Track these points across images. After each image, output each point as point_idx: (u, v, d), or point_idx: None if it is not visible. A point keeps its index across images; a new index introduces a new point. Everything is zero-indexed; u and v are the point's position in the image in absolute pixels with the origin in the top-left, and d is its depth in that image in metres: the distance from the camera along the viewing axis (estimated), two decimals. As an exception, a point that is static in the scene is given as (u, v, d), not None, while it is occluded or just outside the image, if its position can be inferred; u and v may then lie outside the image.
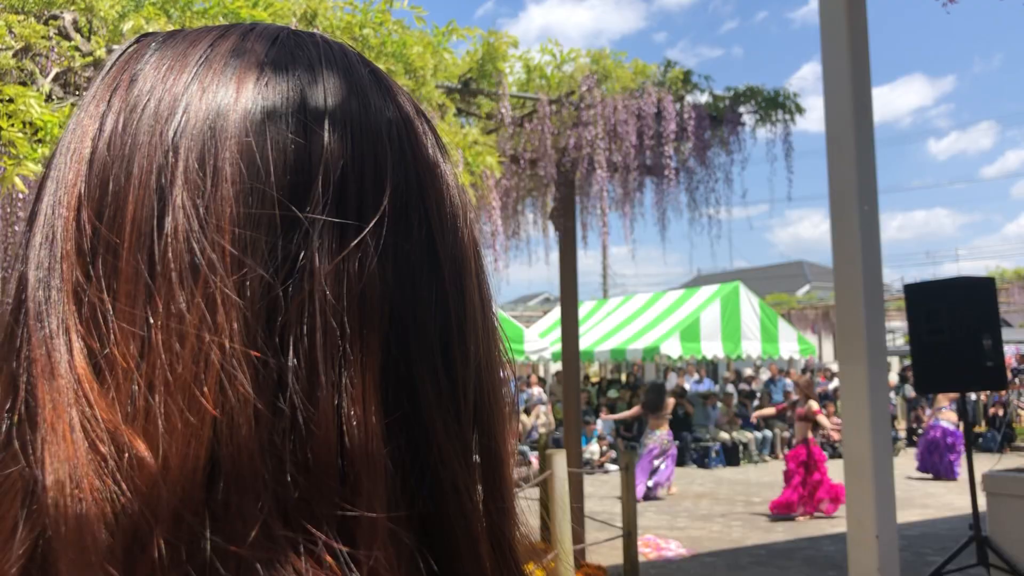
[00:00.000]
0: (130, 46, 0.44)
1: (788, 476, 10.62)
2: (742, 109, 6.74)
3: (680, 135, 6.45)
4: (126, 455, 0.35)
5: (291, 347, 0.37)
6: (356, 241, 0.39)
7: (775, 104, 6.64)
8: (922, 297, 6.97)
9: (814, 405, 10.77)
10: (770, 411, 14.95)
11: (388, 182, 0.41)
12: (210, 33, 0.44)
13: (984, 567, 6.43)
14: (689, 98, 6.55)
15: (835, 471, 13.46)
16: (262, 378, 0.36)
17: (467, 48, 5.95)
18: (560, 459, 5.42)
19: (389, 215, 0.40)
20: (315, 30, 4.69)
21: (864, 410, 5.81)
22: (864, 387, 5.80)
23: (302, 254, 0.38)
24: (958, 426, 12.84)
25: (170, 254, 0.37)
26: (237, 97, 0.40)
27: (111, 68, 0.44)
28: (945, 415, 13.52)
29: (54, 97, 4.02)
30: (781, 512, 10.43)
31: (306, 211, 0.38)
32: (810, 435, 10.67)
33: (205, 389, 0.35)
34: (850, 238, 5.87)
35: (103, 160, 0.39)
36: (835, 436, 14.83)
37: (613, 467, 14.75)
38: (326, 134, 0.40)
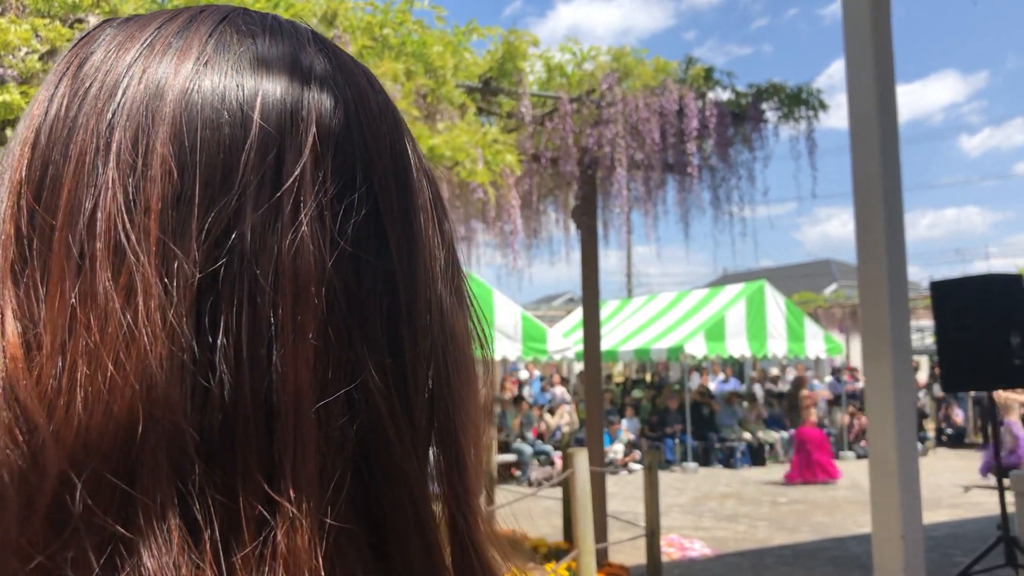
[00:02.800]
0: (89, 32, 0.45)
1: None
2: (765, 106, 6.69)
3: (702, 132, 6.42)
4: (27, 424, 0.35)
5: (220, 328, 0.37)
6: (288, 220, 0.38)
7: (798, 101, 6.59)
8: (949, 294, 6.89)
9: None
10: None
11: (328, 160, 0.40)
12: (162, 15, 0.44)
13: (1012, 568, 6.34)
14: (711, 95, 6.51)
15: (861, 471, 13.33)
16: (187, 359, 0.36)
17: (488, 47, 5.97)
18: (582, 458, 5.41)
19: (328, 193, 0.40)
20: (335, 30, 4.72)
21: (889, 408, 5.75)
22: (889, 385, 5.74)
23: (233, 234, 0.38)
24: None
25: (97, 235, 0.37)
26: (175, 76, 0.40)
27: (67, 53, 0.44)
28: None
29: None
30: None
31: (237, 191, 0.38)
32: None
33: (126, 370, 0.35)
34: (874, 234, 5.82)
35: (44, 143, 0.40)
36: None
37: (637, 467, 14.71)
38: (263, 112, 0.40)
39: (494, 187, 4.67)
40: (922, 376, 19.01)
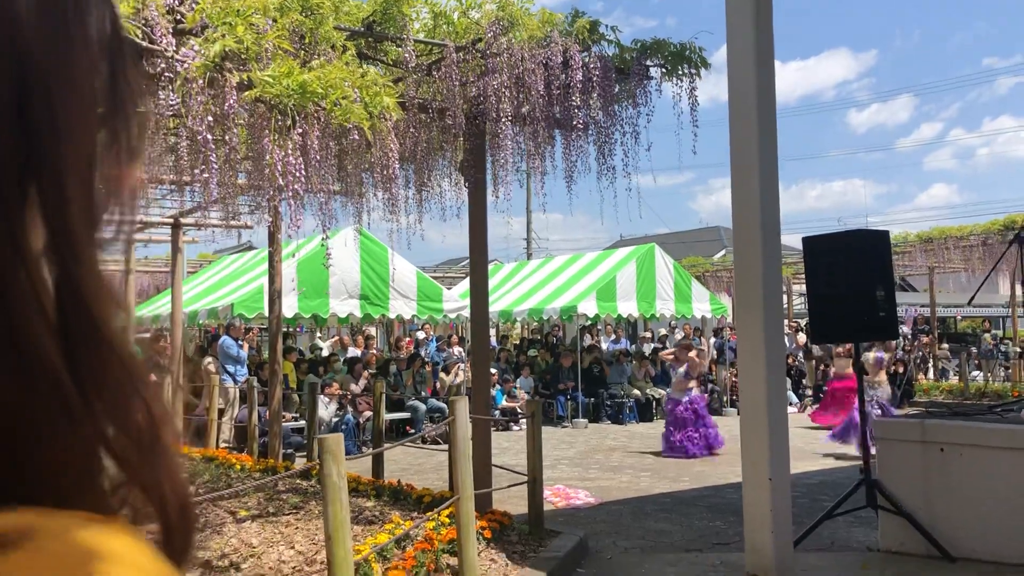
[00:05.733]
0: None
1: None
2: (649, 63, 6.77)
3: (587, 86, 6.45)
4: None
5: None
6: None
7: (681, 58, 6.69)
8: (820, 250, 7.14)
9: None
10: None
11: None
12: None
13: (873, 509, 6.71)
14: (596, 49, 6.54)
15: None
16: None
17: (372, -9, 5.83)
18: (462, 406, 5.46)
19: None
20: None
21: (759, 356, 5.97)
22: (760, 333, 5.96)
23: None
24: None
25: None
26: None
27: None
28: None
29: None
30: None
31: None
32: None
33: None
34: (750, 194, 6.01)
35: None
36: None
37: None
38: None
39: (372, 132, 4.58)
40: (802, 337, 19.77)
